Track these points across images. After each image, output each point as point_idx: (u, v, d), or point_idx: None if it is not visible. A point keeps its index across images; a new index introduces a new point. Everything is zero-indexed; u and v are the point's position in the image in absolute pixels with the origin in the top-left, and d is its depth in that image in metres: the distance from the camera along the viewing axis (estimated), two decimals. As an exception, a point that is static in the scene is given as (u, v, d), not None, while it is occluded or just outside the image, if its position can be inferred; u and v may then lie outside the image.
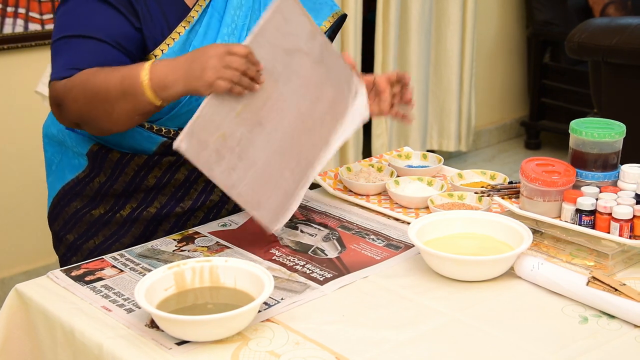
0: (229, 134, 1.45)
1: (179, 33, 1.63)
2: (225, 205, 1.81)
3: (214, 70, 1.41)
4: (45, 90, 2.60)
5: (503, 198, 1.73)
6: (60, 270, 1.51)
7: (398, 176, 1.87)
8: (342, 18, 1.85)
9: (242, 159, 1.48)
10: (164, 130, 1.68)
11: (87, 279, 1.48)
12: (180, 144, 1.40)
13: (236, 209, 1.80)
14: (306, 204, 1.80)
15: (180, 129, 1.67)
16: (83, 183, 1.74)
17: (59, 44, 1.58)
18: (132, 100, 1.48)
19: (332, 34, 1.86)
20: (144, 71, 1.46)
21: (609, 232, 1.50)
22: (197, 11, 1.65)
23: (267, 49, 1.47)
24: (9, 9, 2.92)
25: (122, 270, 1.51)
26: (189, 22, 1.64)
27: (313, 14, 1.81)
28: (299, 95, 1.55)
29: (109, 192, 1.73)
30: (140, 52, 1.61)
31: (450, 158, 4.57)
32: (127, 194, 1.73)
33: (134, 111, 1.50)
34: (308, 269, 1.51)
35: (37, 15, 2.99)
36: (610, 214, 1.50)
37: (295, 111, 1.55)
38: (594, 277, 1.39)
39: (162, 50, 1.61)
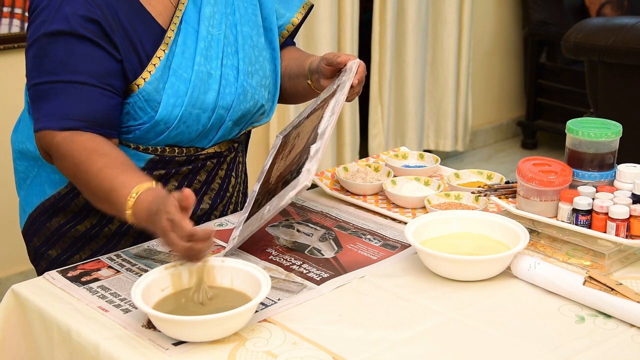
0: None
1: (159, 58, 1.58)
2: (214, 212, 1.78)
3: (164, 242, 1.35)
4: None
5: (500, 198, 1.73)
6: (57, 271, 1.51)
7: (395, 176, 1.87)
8: (310, 8, 1.88)
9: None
10: (150, 149, 1.64)
11: (83, 279, 1.48)
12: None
13: (224, 215, 1.79)
14: (302, 203, 1.80)
15: (168, 145, 1.66)
16: (67, 199, 1.69)
17: (43, 88, 1.51)
18: (113, 210, 1.47)
19: (300, 24, 1.89)
20: (129, 202, 1.41)
21: (605, 232, 1.50)
22: (172, 30, 1.60)
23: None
24: (5, 9, 2.92)
25: (118, 271, 1.51)
26: (167, 44, 1.59)
27: (284, 6, 1.83)
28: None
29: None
30: (125, 85, 1.57)
31: (447, 158, 4.57)
32: None
33: (112, 212, 1.49)
34: (305, 268, 1.51)
35: (33, 16, 2.99)
36: (606, 214, 1.50)
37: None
38: (590, 277, 1.39)
39: (144, 79, 1.57)
